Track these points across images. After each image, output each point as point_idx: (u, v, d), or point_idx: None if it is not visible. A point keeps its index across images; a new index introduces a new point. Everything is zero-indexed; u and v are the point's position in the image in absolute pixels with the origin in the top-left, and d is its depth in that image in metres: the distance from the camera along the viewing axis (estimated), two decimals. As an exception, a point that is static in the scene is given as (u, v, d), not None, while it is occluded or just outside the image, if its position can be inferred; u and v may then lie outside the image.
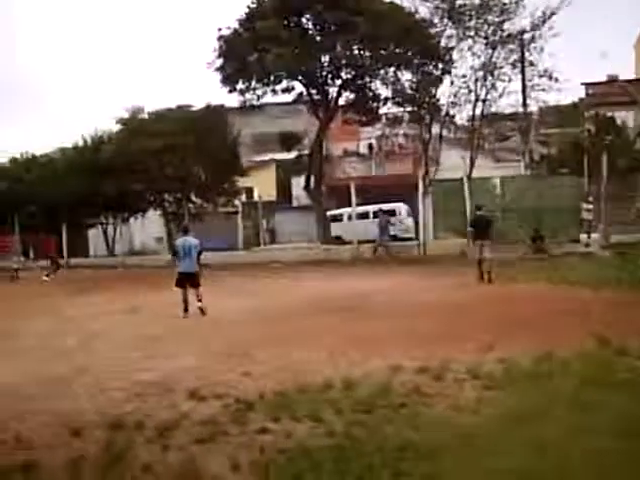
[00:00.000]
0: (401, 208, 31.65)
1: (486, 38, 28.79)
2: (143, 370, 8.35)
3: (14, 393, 7.43)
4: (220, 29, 28.96)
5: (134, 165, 30.52)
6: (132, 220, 36.78)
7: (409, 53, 28.53)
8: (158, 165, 30.81)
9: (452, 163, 30.23)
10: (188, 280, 13.64)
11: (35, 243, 33.16)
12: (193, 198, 34.59)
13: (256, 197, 37.20)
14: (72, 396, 7.29)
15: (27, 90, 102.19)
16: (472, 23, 28.64)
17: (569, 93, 50.04)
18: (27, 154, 37.83)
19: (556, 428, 5.40)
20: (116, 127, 34.67)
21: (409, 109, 31.06)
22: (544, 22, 28.48)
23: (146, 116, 34.66)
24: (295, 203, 39.72)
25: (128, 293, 18.09)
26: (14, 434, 5.93)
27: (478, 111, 29.97)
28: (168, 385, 7.45)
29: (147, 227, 37.74)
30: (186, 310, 13.44)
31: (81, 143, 36.07)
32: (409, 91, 29.68)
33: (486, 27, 28.72)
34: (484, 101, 29.74)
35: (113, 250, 37.84)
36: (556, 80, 28.58)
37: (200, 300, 13.49)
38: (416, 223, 29.03)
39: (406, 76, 29.75)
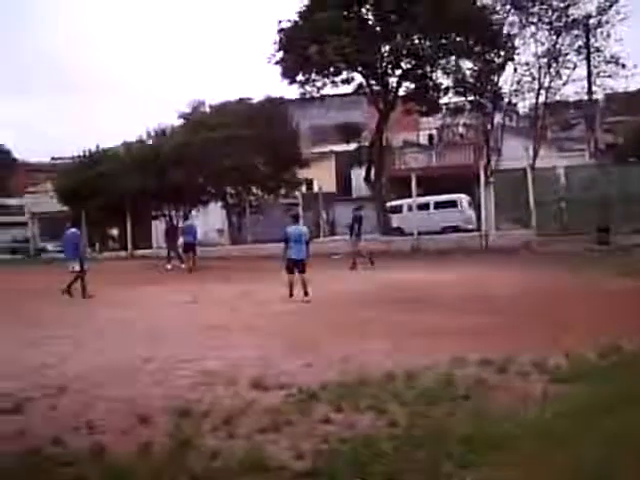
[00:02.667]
0: (462, 199, 31.30)
1: (550, 24, 28.22)
2: (207, 359, 8.51)
3: (84, 382, 7.65)
4: (280, 22, 29.12)
5: (196, 158, 30.99)
6: (194, 212, 37.38)
7: (470, 41, 28.12)
8: (219, 157, 31.18)
9: (514, 153, 29.73)
10: (296, 266, 14.20)
11: (102, 236, 34.05)
12: (254, 190, 34.94)
13: (316, 188, 37.32)
14: (140, 383, 7.49)
15: (94, 87, 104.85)
16: (536, 9, 28.11)
17: (637, 79, 48.61)
18: (95, 149, 38.84)
19: (625, 423, 5.30)
20: (178, 121, 35.35)
21: (470, 98, 30.62)
22: (611, 6, 27.76)
23: (207, 110, 35.17)
24: (355, 194, 39.67)
25: (194, 284, 18.40)
26: (86, 420, 6.12)
27: (541, 99, 29.42)
28: (232, 374, 7.56)
29: (209, 219, 38.30)
30: (291, 295, 14.05)
31: (145, 137, 36.85)
32: (470, 80, 29.26)
33: (550, 13, 28.16)
34: (548, 89, 29.20)
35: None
36: (623, 66, 27.88)
37: (305, 285, 14.02)
38: (478, 214, 28.70)
39: (467, 65, 29.38)
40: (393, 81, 30.17)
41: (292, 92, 31.71)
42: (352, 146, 40.90)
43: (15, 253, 40.81)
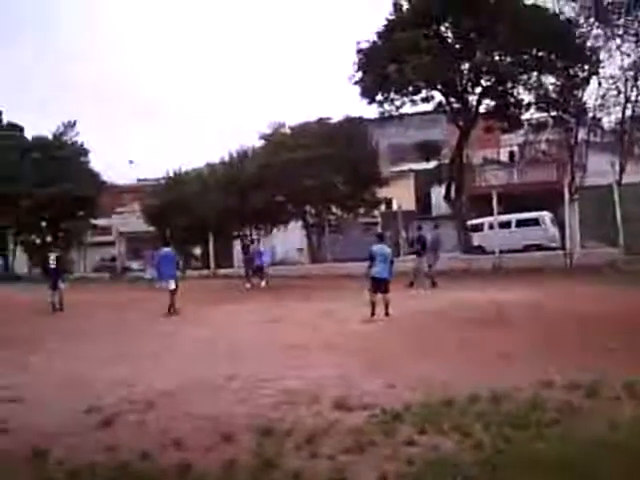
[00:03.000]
0: (545, 217, 30.59)
1: (636, 35, 27.24)
2: (289, 378, 8.56)
3: (169, 398, 7.81)
4: (359, 42, 29.34)
5: (276, 178, 31.42)
6: (275, 231, 37.83)
7: (553, 56, 27.57)
8: (299, 177, 31.52)
9: (599, 169, 28.84)
10: (379, 285, 14.15)
11: (185, 255, 34.86)
12: (333, 209, 35.13)
13: (395, 207, 37.19)
14: (223, 401, 7.58)
15: (178, 110, 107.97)
16: (621, 21, 27.27)
17: None
18: (179, 170, 39.99)
19: None
20: (259, 143, 35.99)
21: (553, 114, 29.96)
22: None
23: (287, 131, 35.67)
24: (434, 213, 39.35)
25: (273, 302, 18.59)
26: (171, 436, 6.25)
27: (628, 113, 28.48)
28: (314, 393, 7.58)
29: (289, 238, 38.71)
30: (373, 314, 13.93)
31: (227, 158, 37.67)
32: (553, 95, 28.63)
33: (636, 24, 27.24)
34: (635, 102, 28.22)
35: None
36: None
37: (387, 306, 14.02)
38: (561, 232, 27.96)
39: (550, 80, 28.76)
40: (473, 99, 29.90)
41: (371, 111, 31.88)
42: (432, 164, 40.66)
43: (99, 271, 42.27)
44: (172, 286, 17.32)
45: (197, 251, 41.99)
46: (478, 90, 29.47)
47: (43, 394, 8.29)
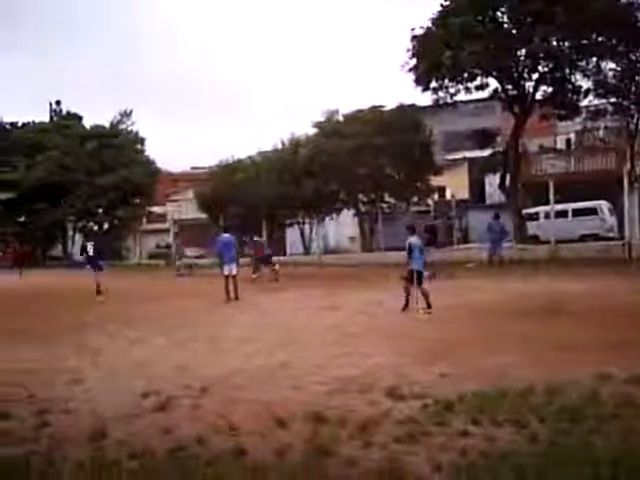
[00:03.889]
0: (603, 206, 29.94)
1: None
2: (342, 366, 8.58)
3: (225, 384, 7.92)
4: (413, 29, 29.04)
5: (329, 166, 31.43)
6: (327, 220, 37.87)
7: (613, 41, 26.83)
8: (352, 165, 31.46)
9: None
10: (418, 277, 13.99)
11: (238, 242, 35.18)
12: (386, 197, 34.97)
13: (448, 196, 36.87)
14: (276, 388, 7.64)
15: (233, 98, 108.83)
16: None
17: None
18: (232, 158, 40.34)
19: None
20: (312, 130, 36.02)
21: (612, 100, 29.18)
22: None
23: (341, 118, 35.60)
24: (488, 201, 38.84)
25: (326, 291, 18.64)
26: (226, 421, 6.33)
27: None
28: (367, 382, 7.59)
29: (341, 226, 38.75)
30: (407, 305, 13.79)
31: (280, 146, 37.83)
32: (613, 81, 27.88)
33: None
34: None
35: (309, 249, 39.25)
36: None
37: (426, 296, 13.72)
38: (620, 222, 27.31)
39: (609, 65, 28.02)
40: (530, 85, 29.31)
41: (425, 99, 31.54)
42: (486, 152, 40.10)
43: (154, 258, 42.93)
44: (234, 271, 17.60)
45: (262, 239, 42.35)
46: (535, 76, 28.89)
47: (103, 377, 8.50)
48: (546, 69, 28.40)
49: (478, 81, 29.52)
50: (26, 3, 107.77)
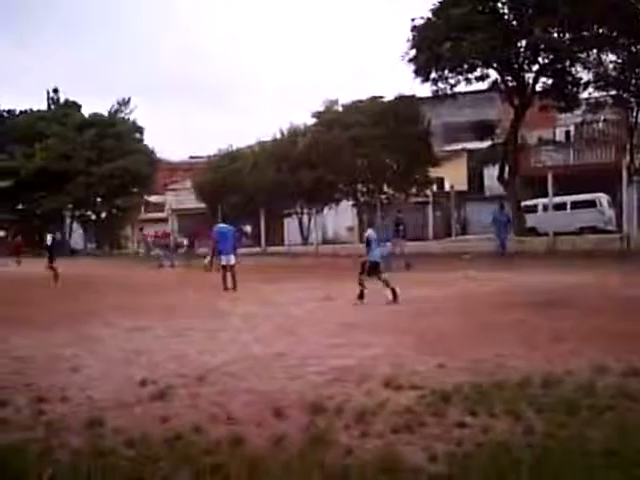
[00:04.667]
0: (601, 199, 29.99)
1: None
2: (339, 356, 8.58)
3: (221, 372, 7.93)
4: (413, 20, 28.95)
5: (328, 156, 31.39)
6: (326, 210, 37.88)
7: (613, 33, 26.78)
8: (351, 156, 31.42)
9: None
10: (376, 268, 14.37)
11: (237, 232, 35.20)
12: (385, 188, 34.97)
13: (447, 187, 36.85)
14: (273, 377, 7.65)
15: (232, 88, 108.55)
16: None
17: None
18: (230, 147, 40.29)
19: None
20: (311, 120, 35.95)
21: (612, 93, 29.17)
22: None
23: (340, 109, 35.54)
24: (487, 193, 38.86)
25: (323, 281, 18.65)
26: (223, 410, 6.34)
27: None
28: (364, 372, 7.59)
29: (340, 217, 38.75)
30: (361, 297, 14.04)
31: (279, 136, 37.76)
32: (613, 73, 27.85)
33: None
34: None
35: (307, 239, 39.26)
36: None
37: (387, 284, 14.08)
38: (619, 215, 27.33)
39: (610, 57, 27.99)
40: (529, 77, 29.34)
41: (424, 90, 31.50)
42: (485, 144, 40.10)
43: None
44: (232, 261, 17.60)
45: (248, 228, 42.37)
46: (535, 68, 28.94)
47: (101, 365, 8.51)
48: (546, 61, 28.40)
49: (478, 72, 29.57)
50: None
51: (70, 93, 55.16)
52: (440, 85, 29.95)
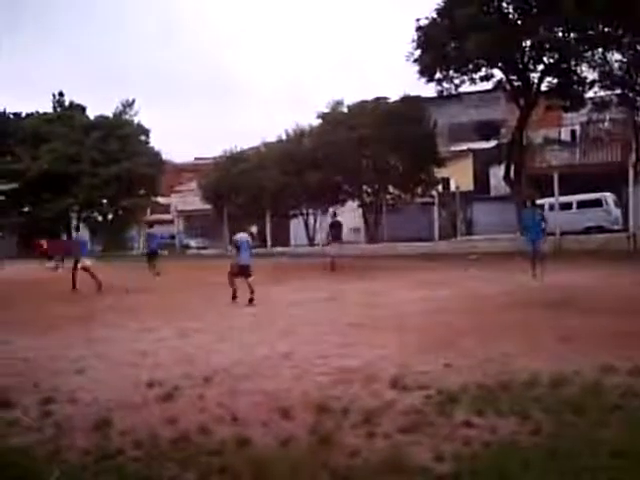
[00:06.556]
0: (608, 198, 29.89)
1: None
2: (345, 356, 8.58)
3: (227, 373, 7.93)
4: (418, 20, 28.91)
5: (333, 157, 31.38)
6: (331, 209, 37.80)
7: (619, 32, 26.69)
8: (357, 157, 31.40)
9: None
10: (245, 271, 15.19)
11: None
12: (390, 189, 34.94)
13: (453, 187, 36.79)
14: (279, 378, 7.65)
15: (237, 89, 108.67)
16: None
17: None
18: (236, 149, 40.29)
19: None
20: (317, 121, 35.97)
21: (618, 92, 29.08)
22: None
23: (345, 110, 35.53)
24: (493, 193, 38.77)
25: (330, 281, 18.64)
26: (229, 411, 6.34)
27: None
28: (370, 373, 7.58)
29: (345, 218, 38.70)
30: (234, 298, 14.94)
31: (284, 137, 37.77)
32: (618, 73, 27.78)
33: None
34: None
35: (313, 239, 39.26)
36: None
37: (252, 289, 14.85)
38: (625, 214, 27.26)
39: (615, 57, 27.90)
40: (535, 76, 29.20)
41: (429, 90, 31.45)
42: (491, 144, 40.00)
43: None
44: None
45: (254, 229, 42.31)
46: (540, 67, 28.77)
47: (108, 367, 8.52)
48: (551, 60, 28.26)
49: (483, 72, 29.44)
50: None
51: (75, 96, 55.24)
52: (445, 85, 29.88)
